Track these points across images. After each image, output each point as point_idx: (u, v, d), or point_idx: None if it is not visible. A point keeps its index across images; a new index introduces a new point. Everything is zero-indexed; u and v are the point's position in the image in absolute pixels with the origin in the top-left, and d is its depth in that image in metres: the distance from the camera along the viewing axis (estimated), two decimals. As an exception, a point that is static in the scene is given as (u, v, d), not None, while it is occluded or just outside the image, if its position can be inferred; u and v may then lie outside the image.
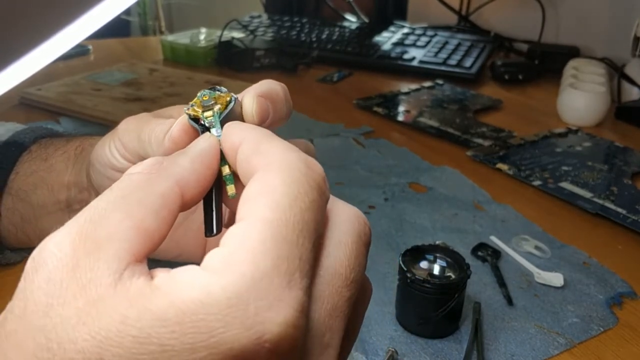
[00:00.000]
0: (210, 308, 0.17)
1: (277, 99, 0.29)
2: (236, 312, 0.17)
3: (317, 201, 0.20)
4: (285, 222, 0.19)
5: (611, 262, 0.50)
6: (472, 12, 1.22)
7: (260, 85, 0.30)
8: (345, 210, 0.23)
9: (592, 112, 0.81)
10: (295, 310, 0.18)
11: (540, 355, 0.40)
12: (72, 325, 0.17)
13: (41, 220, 0.43)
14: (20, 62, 0.30)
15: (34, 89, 0.80)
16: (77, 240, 0.19)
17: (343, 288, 0.20)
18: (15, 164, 0.43)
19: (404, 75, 1.00)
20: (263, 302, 0.17)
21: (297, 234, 0.19)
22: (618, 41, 0.98)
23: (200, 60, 1.00)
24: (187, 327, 0.17)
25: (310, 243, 0.19)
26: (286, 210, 0.19)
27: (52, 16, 0.30)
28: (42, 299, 0.18)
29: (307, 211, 0.20)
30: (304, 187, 0.20)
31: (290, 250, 0.19)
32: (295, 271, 0.18)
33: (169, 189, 0.21)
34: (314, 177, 0.21)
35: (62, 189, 0.42)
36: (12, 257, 0.45)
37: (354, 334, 0.23)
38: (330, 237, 0.22)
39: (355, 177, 0.64)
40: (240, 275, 0.18)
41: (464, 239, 0.53)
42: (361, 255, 0.22)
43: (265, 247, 0.18)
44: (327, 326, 0.20)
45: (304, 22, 1.20)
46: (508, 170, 0.66)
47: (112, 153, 0.37)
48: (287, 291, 0.18)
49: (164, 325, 0.17)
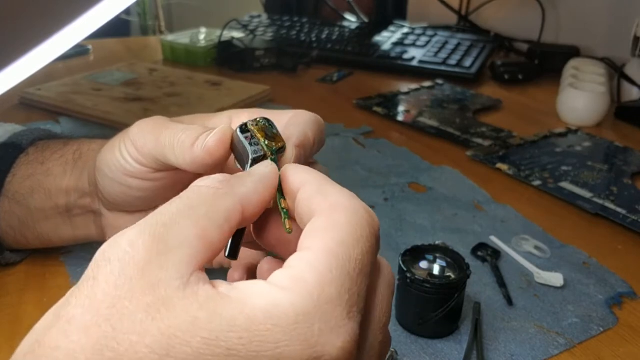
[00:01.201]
0: (278, 320, 0.18)
1: (308, 146, 0.32)
2: (302, 329, 0.18)
3: (374, 247, 0.23)
4: (349, 258, 0.21)
5: (611, 262, 0.50)
6: (472, 12, 1.22)
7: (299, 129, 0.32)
8: (385, 263, 0.25)
9: (592, 112, 0.81)
10: (352, 339, 0.19)
11: (540, 355, 0.40)
12: (140, 319, 0.18)
13: (40, 224, 0.43)
14: (20, 62, 0.30)
15: (34, 89, 0.80)
16: (149, 241, 0.20)
17: (378, 332, 0.23)
18: (12, 165, 0.43)
19: (404, 75, 1.00)
20: (327, 325, 0.19)
21: (358, 272, 0.21)
22: (618, 41, 0.98)
23: (200, 60, 1.00)
24: (254, 334, 0.18)
25: (365, 284, 0.21)
26: (350, 247, 0.21)
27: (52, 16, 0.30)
28: (111, 291, 0.18)
29: (367, 254, 0.22)
30: (367, 231, 0.23)
31: (351, 285, 0.20)
32: (354, 305, 0.20)
33: (233, 206, 0.22)
34: (373, 225, 0.23)
35: (60, 194, 0.42)
36: (11, 257, 0.45)
37: None
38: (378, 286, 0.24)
39: (355, 177, 0.64)
40: (308, 294, 0.19)
41: (464, 239, 0.53)
42: (390, 303, 0.24)
43: (332, 275, 0.20)
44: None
45: (304, 22, 1.20)
46: (508, 170, 0.66)
47: (124, 157, 0.36)
48: (347, 320, 0.19)
49: (232, 330, 0.17)
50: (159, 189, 0.37)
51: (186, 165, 0.32)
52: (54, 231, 0.43)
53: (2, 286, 0.44)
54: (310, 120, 0.33)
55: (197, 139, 0.31)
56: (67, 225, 0.43)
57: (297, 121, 0.33)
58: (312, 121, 0.33)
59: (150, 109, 0.76)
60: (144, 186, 0.37)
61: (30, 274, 0.46)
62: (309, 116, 0.34)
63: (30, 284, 0.45)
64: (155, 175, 0.36)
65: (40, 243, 0.44)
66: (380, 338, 0.23)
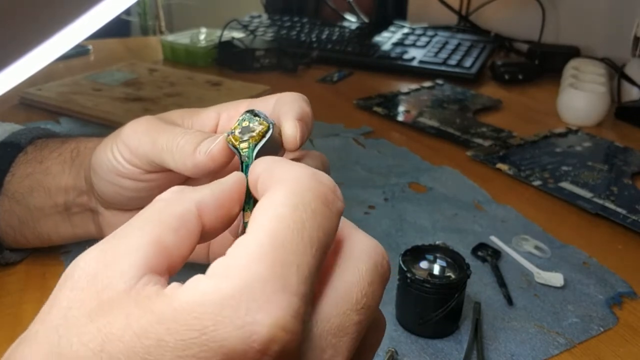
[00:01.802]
0: (204, 308, 0.18)
1: (308, 119, 0.31)
2: (228, 312, 0.18)
3: (322, 210, 0.21)
4: (284, 229, 0.20)
5: (611, 262, 0.50)
6: (472, 12, 1.22)
7: (292, 106, 0.31)
8: (365, 241, 0.23)
9: (592, 112, 0.81)
10: (287, 314, 0.18)
11: (540, 355, 0.40)
12: (82, 323, 0.19)
13: (39, 223, 0.43)
14: (20, 62, 0.30)
15: (34, 89, 0.80)
16: (100, 255, 0.21)
17: (352, 311, 0.21)
18: (11, 164, 0.43)
19: (404, 75, 1.00)
20: (255, 303, 0.18)
21: (297, 241, 0.20)
22: (618, 41, 0.98)
23: (200, 60, 1.00)
24: (181, 324, 0.18)
25: (312, 251, 0.20)
26: (285, 218, 0.20)
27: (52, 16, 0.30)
28: (64, 304, 0.20)
29: (309, 220, 0.20)
30: (306, 197, 0.21)
31: (286, 256, 0.19)
32: (291, 276, 0.19)
33: (188, 210, 0.22)
34: (318, 188, 0.21)
35: (59, 193, 0.42)
36: (11, 257, 0.45)
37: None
38: (345, 261, 0.22)
39: (355, 177, 0.64)
40: (235, 276, 0.18)
41: (464, 239, 0.53)
42: (376, 284, 0.22)
43: (261, 252, 0.19)
44: (329, 343, 0.20)
45: (304, 22, 1.20)
46: (508, 170, 0.66)
47: (116, 158, 0.36)
48: (281, 295, 0.18)
49: (161, 323, 0.18)
50: (153, 189, 0.38)
51: (186, 171, 0.32)
52: (54, 230, 0.43)
53: (2, 286, 0.44)
54: (300, 96, 0.33)
55: (198, 145, 0.31)
56: (66, 223, 0.43)
57: (287, 100, 0.33)
58: (301, 97, 0.33)
59: (150, 109, 0.76)
60: (138, 186, 0.37)
61: (30, 274, 0.46)
62: (296, 94, 0.33)
63: (30, 284, 0.45)
64: (148, 176, 0.37)
65: (40, 242, 0.44)
66: (355, 318, 0.21)
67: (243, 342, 0.17)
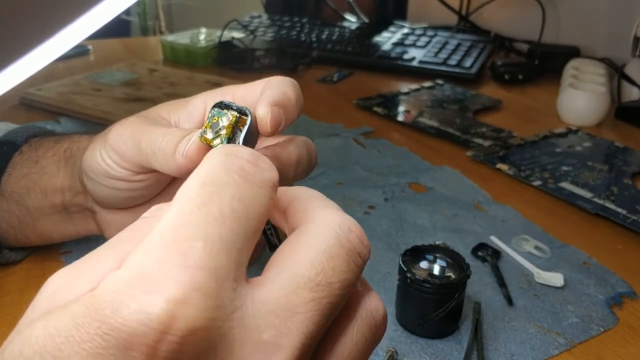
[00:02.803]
0: (103, 298, 0.18)
1: (288, 104, 0.31)
2: (124, 297, 0.17)
3: (236, 182, 0.20)
4: (187, 207, 0.19)
5: (611, 262, 0.50)
6: (472, 12, 1.22)
7: (273, 89, 0.31)
8: (328, 216, 0.22)
9: (592, 112, 0.81)
10: (188, 288, 0.17)
11: (540, 355, 0.40)
12: (19, 329, 0.19)
13: (39, 222, 0.43)
14: (20, 62, 0.30)
15: (34, 89, 0.80)
16: (67, 274, 0.20)
17: (302, 289, 0.19)
18: (7, 163, 0.43)
19: (404, 75, 1.00)
20: (151, 285, 0.17)
21: (202, 216, 0.19)
22: (618, 41, 0.98)
23: (200, 60, 1.00)
24: (86, 317, 0.17)
25: (225, 223, 0.19)
26: (190, 197, 0.19)
27: (52, 16, 0.30)
28: (23, 320, 0.20)
29: (218, 193, 0.19)
30: (216, 173, 0.20)
31: (188, 232, 0.18)
32: (193, 251, 0.18)
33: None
34: (232, 162, 0.20)
35: (56, 193, 0.42)
36: (11, 256, 0.45)
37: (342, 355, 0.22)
38: (299, 237, 0.21)
39: (355, 177, 0.64)
40: (134, 265, 0.18)
41: (464, 239, 0.53)
42: (338, 259, 0.20)
43: (161, 235, 0.19)
44: (269, 323, 0.19)
45: (304, 22, 1.20)
46: (508, 170, 0.66)
47: (107, 162, 0.36)
48: (179, 270, 0.18)
49: (72, 319, 0.18)
50: (146, 187, 0.38)
51: (171, 172, 0.32)
52: (55, 228, 0.43)
53: (2, 286, 0.44)
54: (286, 80, 0.32)
55: (177, 146, 0.31)
56: (67, 222, 0.43)
57: (272, 85, 0.32)
58: (287, 81, 0.32)
59: (150, 109, 0.76)
60: (131, 187, 0.37)
61: (30, 274, 0.46)
62: (283, 78, 0.33)
63: (31, 284, 0.45)
64: (140, 176, 0.37)
65: (42, 240, 0.44)
66: (307, 296, 0.19)
67: (141, 324, 0.17)
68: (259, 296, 0.19)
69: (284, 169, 0.32)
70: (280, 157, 0.32)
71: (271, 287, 0.20)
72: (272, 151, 0.32)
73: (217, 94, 0.37)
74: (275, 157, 0.31)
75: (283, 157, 0.32)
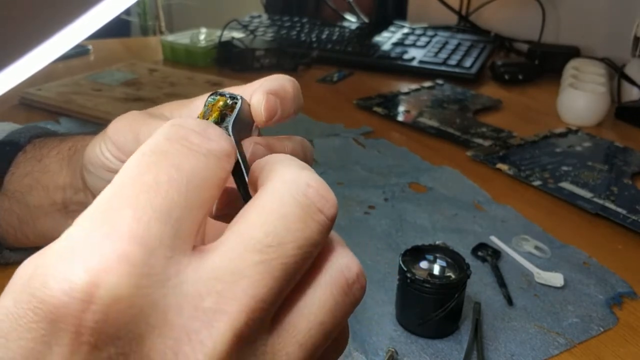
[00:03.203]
0: (35, 270, 0.17)
1: (285, 96, 0.30)
2: (50, 270, 0.17)
3: (177, 150, 0.19)
4: (121, 179, 0.19)
5: (611, 262, 0.50)
6: (472, 12, 1.22)
7: (271, 81, 0.31)
8: (285, 175, 0.20)
9: (592, 112, 0.81)
10: (110, 257, 0.17)
11: (540, 355, 0.40)
12: None
13: (39, 221, 0.43)
14: (20, 62, 0.30)
15: (34, 89, 0.80)
16: (35, 258, 0.20)
17: (249, 252, 0.19)
18: (11, 163, 0.43)
19: (404, 75, 1.00)
20: (75, 256, 0.17)
21: (134, 186, 0.18)
22: (618, 41, 0.98)
23: (200, 60, 1.00)
24: (22, 292, 0.17)
25: (159, 191, 0.18)
26: (127, 169, 0.19)
27: (52, 16, 0.30)
28: None
29: (155, 162, 0.19)
30: (156, 144, 0.20)
31: (116, 203, 0.18)
32: (119, 221, 0.18)
33: None
34: (176, 132, 0.20)
35: (57, 191, 0.42)
36: (11, 256, 0.45)
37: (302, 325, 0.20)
38: (252, 200, 0.20)
39: (355, 177, 0.64)
40: (62, 239, 0.18)
41: (464, 239, 0.53)
42: (293, 218, 0.19)
43: (92, 208, 0.18)
44: (211, 289, 0.18)
45: (304, 22, 1.20)
46: (508, 170, 0.66)
47: (104, 154, 0.36)
48: (102, 240, 0.17)
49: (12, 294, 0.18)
50: None
51: None
52: (54, 228, 0.43)
53: (2, 286, 0.44)
54: (285, 76, 0.32)
55: None
56: (66, 221, 0.43)
57: (270, 78, 0.32)
58: (286, 77, 0.32)
59: (150, 109, 0.76)
60: None
61: (30, 274, 0.46)
62: (283, 75, 0.32)
63: (31, 284, 0.45)
64: None
65: (41, 240, 0.44)
66: (256, 258, 0.19)
67: (64, 294, 0.17)
68: (205, 263, 0.19)
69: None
70: (274, 147, 0.31)
71: (217, 253, 0.19)
72: (267, 141, 0.31)
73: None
74: (268, 147, 0.31)
75: (276, 147, 0.31)
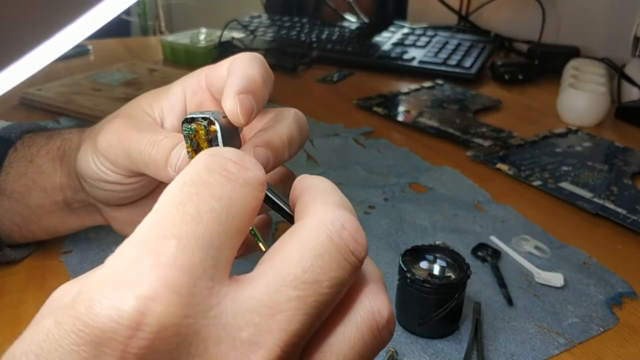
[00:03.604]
0: (80, 295, 0.18)
1: (256, 87, 0.30)
2: (97, 294, 0.18)
3: (217, 180, 0.20)
4: (165, 207, 0.19)
5: (611, 262, 0.50)
6: (472, 12, 1.22)
7: (237, 76, 0.30)
8: (323, 212, 0.21)
9: (592, 112, 0.81)
10: (158, 286, 0.17)
11: (540, 355, 0.40)
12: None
13: (44, 219, 0.43)
14: (20, 62, 0.30)
15: (34, 89, 0.80)
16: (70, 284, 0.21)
17: (287, 287, 0.19)
18: (3, 159, 0.43)
19: (404, 76, 1.00)
20: (123, 282, 0.18)
21: (179, 215, 0.19)
22: (618, 41, 0.98)
23: (200, 60, 1.00)
24: (64, 314, 0.18)
25: (203, 221, 0.19)
26: (170, 196, 0.20)
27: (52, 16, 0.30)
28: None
29: (197, 193, 0.19)
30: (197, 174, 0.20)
31: (162, 231, 0.19)
32: (166, 249, 0.18)
33: None
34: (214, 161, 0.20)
35: (56, 191, 0.42)
36: (12, 254, 0.45)
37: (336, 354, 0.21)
38: (290, 236, 0.21)
39: (355, 177, 0.64)
40: (108, 264, 0.18)
41: (464, 239, 0.53)
42: (328, 257, 0.20)
43: (137, 234, 0.19)
44: (249, 321, 0.19)
45: (304, 22, 1.20)
46: (508, 170, 0.66)
47: (100, 169, 0.37)
48: (150, 269, 0.18)
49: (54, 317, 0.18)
50: (144, 185, 0.38)
51: (165, 180, 0.33)
52: (60, 223, 0.44)
53: (2, 286, 0.44)
54: (249, 59, 0.32)
55: (168, 156, 0.32)
56: (71, 216, 0.43)
57: (235, 67, 0.31)
58: (251, 60, 0.31)
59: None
60: (129, 187, 0.38)
61: (30, 274, 0.46)
62: (247, 56, 0.32)
63: (30, 284, 0.45)
64: (135, 178, 0.37)
65: (48, 234, 0.45)
66: (292, 294, 0.19)
67: (111, 320, 0.17)
68: (242, 294, 0.19)
69: (278, 153, 0.31)
70: (272, 143, 0.31)
71: (255, 285, 0.19)
72: (263, 138, 0.31)
73: (192, 78, 0.37)
74: (267, 144, 0.31)
75: (275, 142, 0.31)
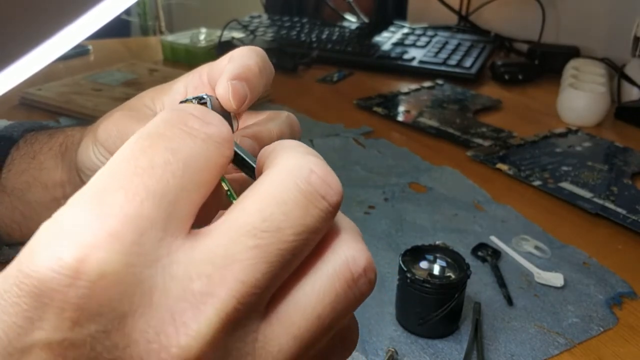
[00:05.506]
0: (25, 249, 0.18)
1: (251, 75, 0.30)
2: (38, 247, 0.17)
3: (173, 134, 0.19)
4: (116, 160, 0.19)
5: (611, 262, 0.50)
6: (472, 12, 1.22)
7: (233, 65, 0.30)
8: (288, 160, 0.20)
9: (592, 112, 0.81)
10: (99, 234, 0.17)
11: (540, 355, 0.40)
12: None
13: (43, 216, 0.43)
14: (20, 62, 0.30)
15: (34, 89, 0.80)
16: None
17: (244, 237, 0.18)
18: (6, 157, 0.43)
19: (404, 76, 1.00)
20: (64, 233, 0.17)
21: (128, 167, 0.19)
22: (618, 41, 0.98)
23: (200, 60, 0.99)
24: (8, 269, 0.17)
25: (152, 172, 0.18)
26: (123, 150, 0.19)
27: (52, 16, 0.30)
28: None
29: (151, 145, 0.19)
30: (155, 128, 0.20)
31: (109, 183, 0.18)
32: (110, 200, 0.18)
33: None
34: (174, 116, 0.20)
35: (56, 187, 0.42)
36: (10, 254, 0.45)
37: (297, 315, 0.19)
38: (253, 185, 0.20)
39: (355, 177, 0.64)
40: (54, 218, 0.18)
41: (464, 239, 0.53)
42: (293, 204, 0.19)
43: (86, 188, 0.19)
44: (201, 272, 0.18)
45: (304, 22, 1.20)
46: (508, 170, 0.66)
47: (101, 161, 0.37)
48: (91, 219, 0.17)
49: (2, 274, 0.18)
50: None
51: None
52: None
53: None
54: (249, 51, 0.32)
55: None
56: None
57: (234, 58, 0.31)
58: (251, 51, 0.32)
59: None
60: None
61: (30, 274, 0.46)
62: (247, 49, 0.32)
63: (31, 284, 0.45)
64: None
65: None
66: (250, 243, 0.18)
67: (50, 270, 0.17)
68: (197, 246, 0.19)
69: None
70: (260, 136, 0.31)
71: (212, 237, 0.19)
72: (252, 130, 0.31)
73: (194, 74, 0.37)
74: (255, 136, 0.31)
75: (263, 136, 0.31)
